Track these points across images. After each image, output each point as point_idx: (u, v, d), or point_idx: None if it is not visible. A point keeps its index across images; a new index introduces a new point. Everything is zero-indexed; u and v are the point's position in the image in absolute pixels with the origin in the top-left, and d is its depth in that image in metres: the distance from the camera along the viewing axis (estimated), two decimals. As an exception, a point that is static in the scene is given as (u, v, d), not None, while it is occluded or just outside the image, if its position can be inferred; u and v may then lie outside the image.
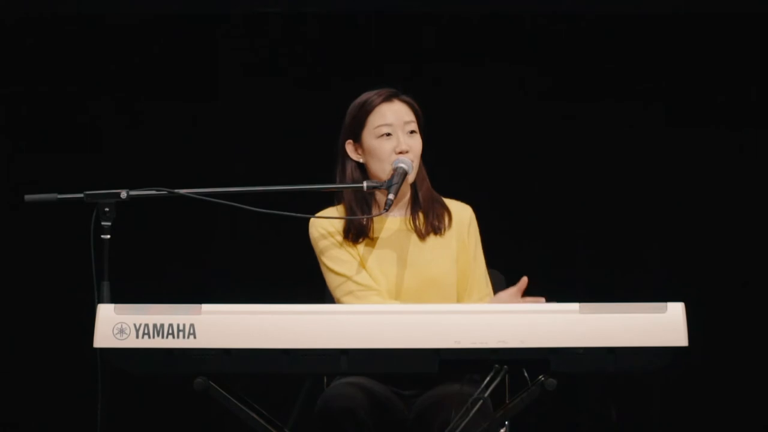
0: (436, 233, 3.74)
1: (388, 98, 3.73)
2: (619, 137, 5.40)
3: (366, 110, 3.72)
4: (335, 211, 3.77)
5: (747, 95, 5.39)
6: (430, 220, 3.74)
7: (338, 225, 3.73)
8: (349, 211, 3.73)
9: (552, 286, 3.60)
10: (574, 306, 2.97)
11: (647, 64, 5.40)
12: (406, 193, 3.76)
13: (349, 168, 3.74)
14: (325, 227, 3.72)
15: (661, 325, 2.94)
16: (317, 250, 3.74)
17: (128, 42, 5.40)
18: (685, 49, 5.39)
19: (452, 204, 3.81)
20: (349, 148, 3.75)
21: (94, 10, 5.37)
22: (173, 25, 5.40)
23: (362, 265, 3.69)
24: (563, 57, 5.40)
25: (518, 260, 4.52)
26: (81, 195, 3.35)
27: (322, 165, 3.83)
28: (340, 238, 3.72)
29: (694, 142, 5.39)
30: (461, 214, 3.79)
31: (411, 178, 3.70)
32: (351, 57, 5.40)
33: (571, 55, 5.40)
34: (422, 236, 3.74)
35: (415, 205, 3.76)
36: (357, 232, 3.71)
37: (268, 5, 5.41)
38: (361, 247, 3.72)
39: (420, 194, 3.76)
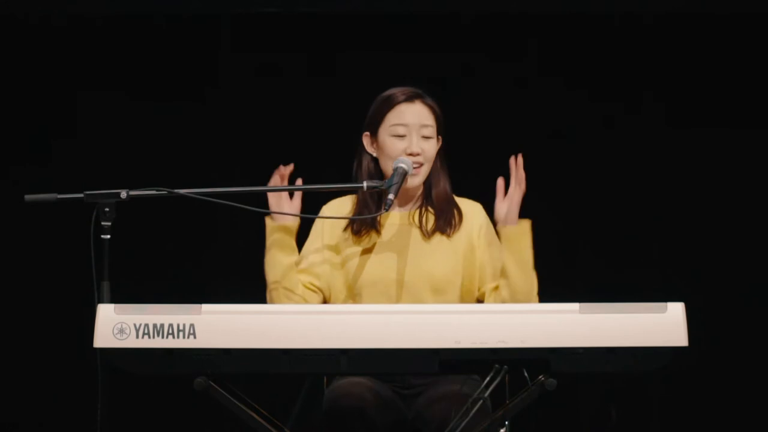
0: (442, 233, 3.74)
1: (410, 98, 3.73)
2: (619, 137, 5.40)
3: (387, 106, 3.73)
4: (350, 200, 3.79)
5: (747, 95, 5.39)
6: (440, 222, 3.74)
7: (346, 213, 3.76)
8: (362, 203, 3.75)
9: (552, 286, 3.59)
10: (574, 306, 2.97)
11: (647, 64, 5.40)
12: (417, 190, 3.76)
13: (366, 161, 3.76)
14: (330, 217, 3.75)
15: (661, 325, 2.94)
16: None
17: (128, 42, 5.40)
18: (685, 49, 5.39)
19: (463, 203, 3.80)
20: (366, 140, 3.76)
21: (93, 11, 5.37)
22: (173, 25, 5.40)
23: (365, 258, 3.71)
24: (563, 56, 5.40)
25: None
26: (81, 195, 3.35)
27: (321, 165, 3.82)
28: (338, 232, 3.74)
29: (695, 142, 5.39)
30: (472, 213, 3.78)
31: (419, 180, 3.71)
32: (351, 56, 5.40)
33: (571, 55, 5.40)
34: (427, 235, 3.73)
35: (426, 203, 3.76)
36: (359, 226, 3.73)
37: (268, 5, 5.40)
38: (364, 240, 3.74)
39: (434, 194, 3.75)
